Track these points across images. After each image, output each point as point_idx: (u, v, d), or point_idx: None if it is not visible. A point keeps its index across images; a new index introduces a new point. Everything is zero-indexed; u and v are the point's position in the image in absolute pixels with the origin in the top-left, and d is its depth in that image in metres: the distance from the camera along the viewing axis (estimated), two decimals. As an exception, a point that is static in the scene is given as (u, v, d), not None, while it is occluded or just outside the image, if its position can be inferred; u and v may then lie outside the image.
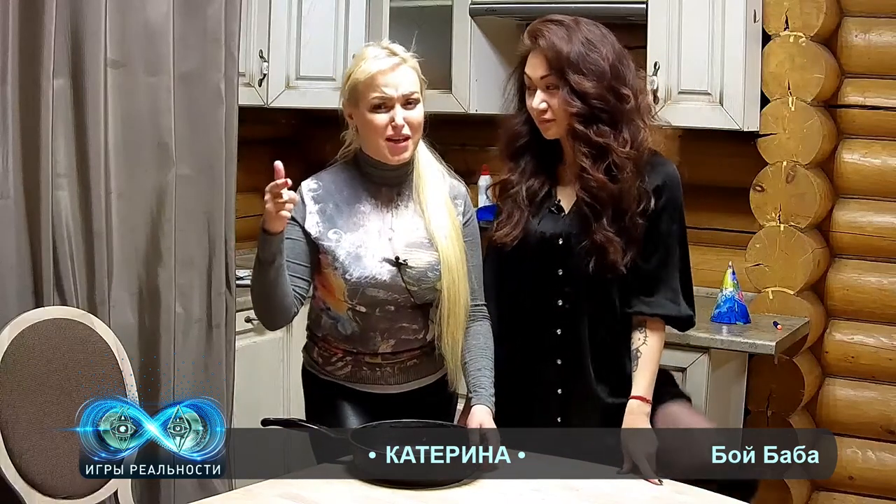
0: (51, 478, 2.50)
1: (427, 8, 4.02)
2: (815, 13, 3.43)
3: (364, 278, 2.40)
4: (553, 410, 2.45)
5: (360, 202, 2.46)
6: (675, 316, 2.42)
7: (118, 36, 2.88)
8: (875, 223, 3.58)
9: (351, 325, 2.47)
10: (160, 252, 3.05)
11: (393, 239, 2.43)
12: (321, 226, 2.42)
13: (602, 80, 2.32)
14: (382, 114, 2.38)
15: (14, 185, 2.70)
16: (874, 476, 3.60)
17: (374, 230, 2.44)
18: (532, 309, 2.46)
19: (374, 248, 2.42)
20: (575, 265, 2.39)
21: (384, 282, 2.41)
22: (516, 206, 2.44)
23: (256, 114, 3.96)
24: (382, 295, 2.43)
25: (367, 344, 2.47)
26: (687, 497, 2.20)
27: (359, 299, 2.43)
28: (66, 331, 2.64)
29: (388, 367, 2.51)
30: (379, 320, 2.45)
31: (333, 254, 2.41)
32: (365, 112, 2.39)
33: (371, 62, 2.39)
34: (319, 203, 2.44)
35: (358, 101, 2.40)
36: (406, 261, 2.42)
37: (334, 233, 2.42)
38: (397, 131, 2.38)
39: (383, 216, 2.46)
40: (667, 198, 2.40)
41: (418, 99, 2.40)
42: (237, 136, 3.24)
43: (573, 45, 2.33)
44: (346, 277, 2.40)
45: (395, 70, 2.38)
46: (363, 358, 2.49)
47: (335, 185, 2.47)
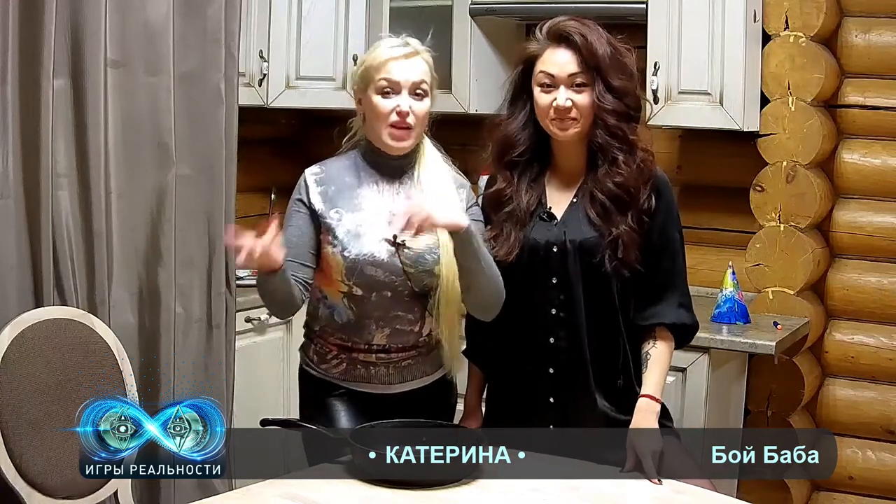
0: (51, 478, 2.50)
1: (427, 8, 4.02)
2: (815, 13, 3.43)
3: (363, 255, 2.41)
4: (547, 420, 2.45)
5: (361, 187, 2.48)
6: (688, 325, 2.43)
7: (118, 36, 2.89)
8: (875, 223, 3.58)
9: (346, 312, 2.46)
10: (160, 252, 3.05)
11: (393, 222, 2.42)
12: (323, 205, 2.45)
13: (631, 79, 2.37)
14: (390, 99, 2.41)
15: (14, 185, 2.70)
16: (874, 476, 3.60)
17: (374, 212, 2.45)
18: (524, 318, 2.44)
19: (373, 227, 2.43)
20: (569, 273, 2.39)
21: (382, 261, 2.42)
22: (513, 223, 2.43)
23: (256, 114, 3.96)
24: (380, 275, 2.42)
25: (361, 333, 2.46)
26: (687, 497, 2.20)
27: (356, 279, 2.42)
28: (66, 331, 2.64)
29: (381, 367, 2.50)
30: (374, 307, 2.44)
31: (333, 231, 2.43)
32: (372, 96, 2.43)
33: (385, 49, 2.45)
34: (322, 186, 2.48)
35: (368, 85, 2.44)
36: (404, 241, 2.42)
37: (335, 212, 2.45)
38: (402, 118, 2.40)
39: (384, 201, 2.47)
40: (665, 201, 2.41)
41: (426, 91, 2.44)
42: (237, 136, 3.24)
43: (603, 44, 2.35)
44: (345, 254, 2.42)
45: (409, 59, 2.43)
46: (357, 356, 2.48)
47: (338, 171, 2.50)
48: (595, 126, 2.36)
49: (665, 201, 2.40)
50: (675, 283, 2.42)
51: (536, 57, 2.40)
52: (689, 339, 2.47)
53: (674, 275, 2.42)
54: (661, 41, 3.47)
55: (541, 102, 2.38)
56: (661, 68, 3.46)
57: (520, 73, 2.45)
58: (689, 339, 2.47)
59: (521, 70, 2.44)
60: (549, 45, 2.38)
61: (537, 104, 2.39)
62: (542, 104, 2.38)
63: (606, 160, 2.36)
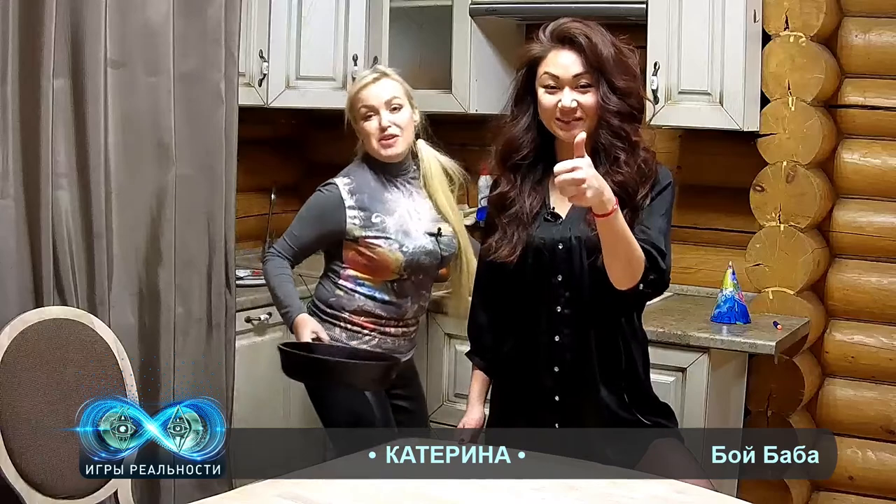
0: (51, 478, 2.50)
1: (427, 8, 4.02)
2: (815, 13, 3.42)
3: (417, 247, 2.95)
4: (551, 417, 2.45)
5: (386, 191, 2.98)
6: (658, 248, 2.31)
7: (118, 36, 2.89)
8: (875, 223, 3.58)
9: (389, 294, 2.97)
10: (160, 252, 3.05)
11: (421, 217, 2.99)
12: (361, 215, 2.93)
13: (635, 80, 2.38)
14: (371, 120, 2.96)
15: (14, 185, 2.70)
16: (874, 476, 3.60)
17: (405, 212, 2.98)
18: (530, 316, 2.44)
19: (413, 224, 2.97)
20: (574, 270, 2.39)
21: (431, 250, 2.98)
22: (516, 225, 2.43)
23: (256, 114, 3.96)
24: (426, 261, 2.98)
25: (399, 310, 2.99)
26: (687, 497, 2.20)
27: (411, 268, 2.95)
28: (66, 331, 2.64)
29: (401, 339, 3.03)
30: (411, 287, 2.99)
31: (385, 233, 2.93)
32: (360, 122, 2.98)
33: (358, 81, 3.02)
34: (356, 194, 2.94)
35: (356, 116, 2.99)
36: (440, 229, 2.99)
37: (377, 216, 2.94)
38: (384, 131, 2.94)
39: (406, 201, 3.00)
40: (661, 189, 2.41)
41: (402, 104, 2.96)
42: (237, 136, 3.24)
43: (607, 45, 2.35)
44: (404, 250, 2.93)
45: (377, 83, 2.96)
46: (389, 329, 2.99)
47: (364, 180, 2.98)
48: (599, 127, 2.36)
49: (661, 189, 2.40)
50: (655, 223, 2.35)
51: (540, 59, 2.39)
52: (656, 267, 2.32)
53: (652, 216, 2.36)
54: (661, 41, 3.47)
55: (545, 104, 2.38)
56: (661, 68, 3.46)
57: (523, 75, 2.44)
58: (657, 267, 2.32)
59: (524, 72, 2.44)
60: (552, 46, 2.38)
61: (541, 105, 2.39)
62: (546, 105, 2.38)
63: (609, 160, 2.36)
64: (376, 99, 2.94)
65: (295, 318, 2.91)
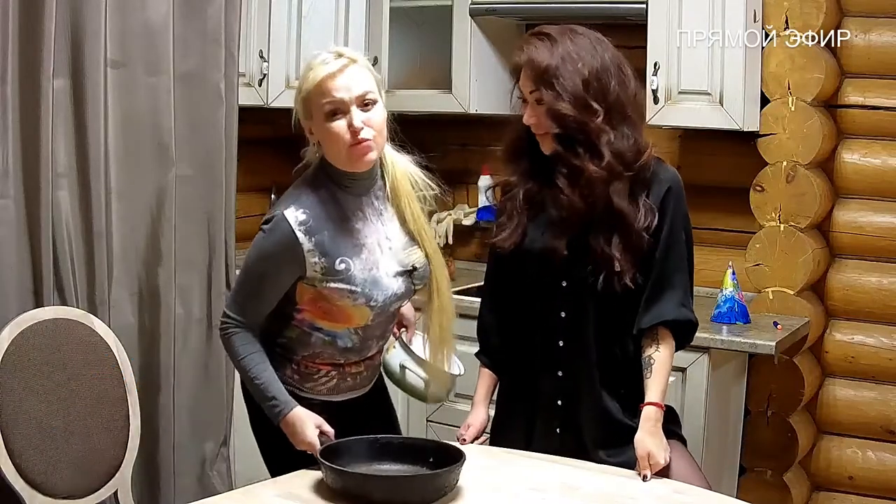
0: (51, 478, 2.50)
1: (427, 8, 4.02)
2: (815, 13, 3.42)
3: (387, 298, 2.34)
4: (553, 422, 2.45)
5: (351, 220, 2.33)
6: (683, 321, 2.39)
7: (118, 36, 2.89)
8: (875, 223, 3.58)
9: (351, 338, 2.40)
10: (160, 252, 3.05)
11: (392, 248, 2.37)
12: (323, 261, 2.28)
13: (576, 98, 2.30)
14: (339, 120, 2.24)
15: (14, 185, 2.70)
16: (874, 476, 3.60)
17: (375, 245, 2.35)
18: (534, 321, 2.45)
19: (383, 265, 2.34)
20: (579, 276, 2.38)
21: (402, 293, 2.38)
22: (515, 209, 2.44)
23: (256, 114, 3.96)
24: (398, 304, 2.42)
25: (362, 352, 2.44)
26: (687, 497, 2.21)
27: (381, 314, 2.38)
28: (66, 331, 2.64)
29: (364, 372, 2.49)
30: (377, 328, 2.42)
31: (351, 283, 2.30)
32: (322, 122, 2.26)
33: (318, 68, 2.25)
34: (313, 236, 2.27)
35: (312, 113, 2.27)
36: (414, 267, 2.39)
37: (341, 262, 2.29)
38: (356, 135, 2.23)
39: (376, 228, 2.37)
40: (673, 206, 2.37)
41: (375, 99, 2.27)
42: (237, 136, 3.24)
43: (553, 59, 2.31)
44: (372, 304, 2.32)
45: (344, 71, 2.24)
46: (349, 368, 2.45)
47: (322, 209, 2.30)
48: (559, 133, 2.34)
49: (674, 206, 2.37)
50: (677, 283, 2.38)
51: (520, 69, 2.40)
52: (689, 338, 2.46)
53: (676, 274, 2.38)
54: (661, 41, 3.46)
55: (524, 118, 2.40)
56: (661, 68, 3.46)
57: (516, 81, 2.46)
58: (690, 338, 2.46)
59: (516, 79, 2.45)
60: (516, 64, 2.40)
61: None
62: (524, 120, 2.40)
63: (586, 151, 2.34)
64: (346, 92, 2.23)
65: (287, 415, 2.28)
